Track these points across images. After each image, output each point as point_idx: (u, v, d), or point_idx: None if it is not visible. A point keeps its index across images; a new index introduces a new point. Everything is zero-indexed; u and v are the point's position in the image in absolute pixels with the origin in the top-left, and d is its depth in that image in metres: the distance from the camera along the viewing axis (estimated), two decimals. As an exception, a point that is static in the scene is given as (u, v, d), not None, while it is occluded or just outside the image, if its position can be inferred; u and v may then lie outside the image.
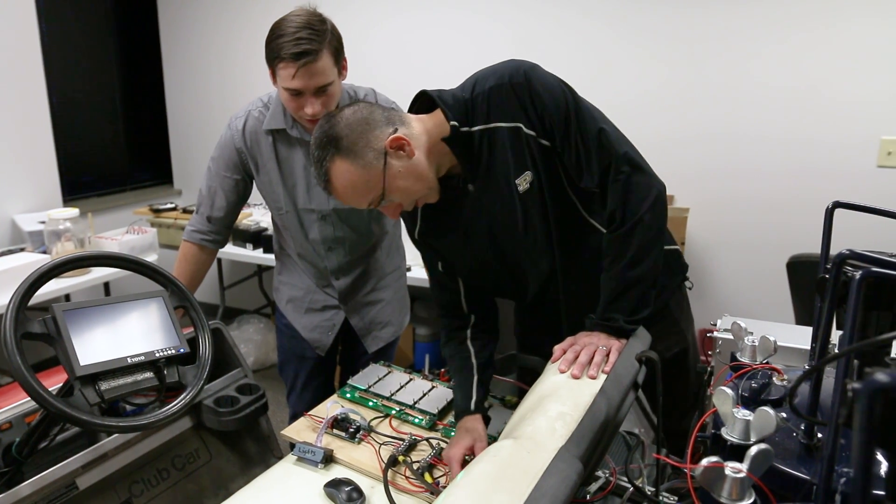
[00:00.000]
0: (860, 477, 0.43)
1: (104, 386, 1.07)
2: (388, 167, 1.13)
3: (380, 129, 1.13)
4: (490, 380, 1.37)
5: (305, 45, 1.41)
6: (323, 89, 1.49)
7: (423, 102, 1.24)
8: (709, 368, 1.23)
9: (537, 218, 1.24)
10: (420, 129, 1.19)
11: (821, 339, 0.73)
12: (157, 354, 1.15)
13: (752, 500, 0.64)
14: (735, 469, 0.63)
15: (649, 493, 1.03)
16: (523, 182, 1.20)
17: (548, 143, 1.19)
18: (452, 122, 1.18)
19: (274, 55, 1.45)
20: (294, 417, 2.01)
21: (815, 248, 2.17)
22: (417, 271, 2.77)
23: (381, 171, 1.13)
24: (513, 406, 1.44)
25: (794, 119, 2.54)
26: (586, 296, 1.25)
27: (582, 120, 1.17)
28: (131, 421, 1.10)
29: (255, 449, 1.73)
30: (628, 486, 1.07)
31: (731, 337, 1.14)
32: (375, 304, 1.90)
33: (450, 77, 1.52)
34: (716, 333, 1.37)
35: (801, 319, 2.20)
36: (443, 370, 1.60)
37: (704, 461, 0.63)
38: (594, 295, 1.23)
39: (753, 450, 0.63)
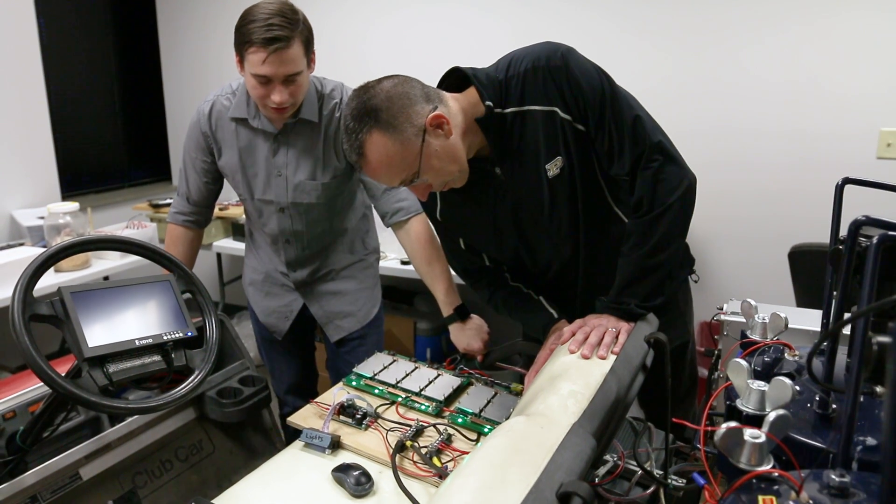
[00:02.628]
0: (891, 427, 0.43)
1: (112, 368, 1.06)
2: (426, 145, 1.09)
3: (420, 105, 1.09)
4: None
5: (277, 31, 1.41)
6: (292, 78, 1.48)
7: (452, 81, 1.21)
8: (716, 351, 1.23)
9: (564, 203, 1.23)
10: (456, 108, 1.16)
11: (836, 308, 0.73)
12: (165, 337, 1.14)
13: (771, 465, 0.64)
14: (754, 434, 0.63)
15: (658, 475, 1.03)
16: (553, 167, 1.19)
17: (583, 128, 1.17)
18: (487, 103, 1.15)
19: (244, 40, 1.44)
20: (280, 401, 2.03)
21: (816, 238, 2.19)
22: (418, 265, 2.75)
23: (418, 149, 1.09)
24: (519, 394, 1.44)
25: (794, 111, 2.55)
26: (604, 283, 1.24)
27: (617, 106, 1.15)
28: (140, 403, 1.09)
29: (258, 441, 1.72)
30: (637, 469, 1.06)
31: (739, 319, 1.14)
32: (335, 295, 1.88)
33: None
34: (723, 316, 1.37)
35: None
36: (448, 360, 1.60)
37: (723, 426, 0.63)
38: (612, 283, 1.22)
39: (772, 415, 0.63)
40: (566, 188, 1.21)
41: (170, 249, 1.79)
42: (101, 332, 1.08)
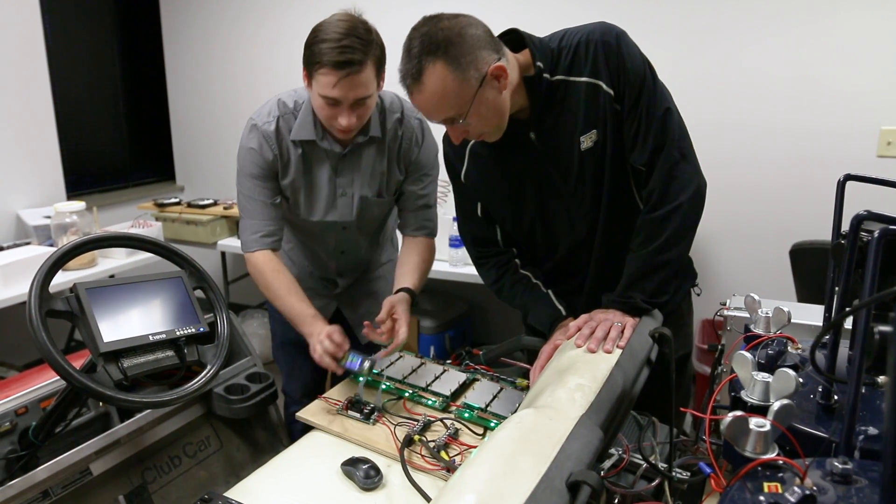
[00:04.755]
0: (892, 413, 0.45)
1: (127, 363, 1.08)
2: (481, 92, 1.11)
3: (487, 52, 1.11)
4: None
5: (350, 55, 1.31)
6: (361, 101, 1.40)
7: (505, 42, 1.22)
8: (719, 346, 1.25)
9: (590, 179, 1.25)
10: (514, 64, 1.19)
11: (838, 301, 0.75)
12: (178, 333, 1.16)
13: (776, 454, 0.65)
14: (759, 423, 0.65)
15: (662, 468, 1.05)
16: (588, 140, 1.22)
17: (620, 108, 1.20)
18: (538, 63, 1.18)
19: (315, 60, 1.34)
20: (289, 402, 2.00)
21: (817, 235, 2.19)
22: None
23: (473, 93, 1.11)
24: (524, 389, 1.45)
25: (795, 109, 2.56)
26: (614, 270, 1.26)
27: (653, 96, 1.19)
28: (154, 397, 1.11)
29: (265, 437, 1.73)
30: (642, 462, 1.08)
31: (742, 314, 1.15)
32: (369, 297, 1.89)
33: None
34: (726, 312, 1.39)
35: (804, 307, 2.22)
36: (453, 356, 1.61)
37: (729, 414, 0.65)
38: (621, 272, 1.24)
39: (777, 404, 0.65)
40: (595, 164, 1.24)
41: (272, 277, 1.63)
42: (115, 327, 1.09)
